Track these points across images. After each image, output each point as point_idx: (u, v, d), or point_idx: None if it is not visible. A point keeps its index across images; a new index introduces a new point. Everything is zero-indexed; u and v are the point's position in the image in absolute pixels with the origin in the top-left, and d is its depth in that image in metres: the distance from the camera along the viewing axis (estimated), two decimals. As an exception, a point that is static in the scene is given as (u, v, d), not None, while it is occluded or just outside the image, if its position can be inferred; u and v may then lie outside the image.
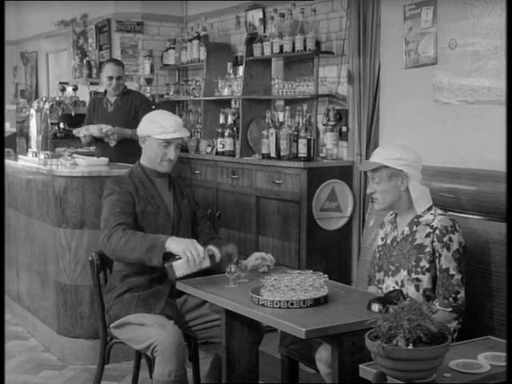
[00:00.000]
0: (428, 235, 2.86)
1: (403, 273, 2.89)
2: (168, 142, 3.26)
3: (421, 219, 2.92)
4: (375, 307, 2.53)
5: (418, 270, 2.85)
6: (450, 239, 2.82)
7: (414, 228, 2.92)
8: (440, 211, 2.94)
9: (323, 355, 2.81)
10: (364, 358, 2.20)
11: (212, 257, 3.02)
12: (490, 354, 2.18)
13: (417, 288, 2.85)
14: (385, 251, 3.02)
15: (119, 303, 3.20)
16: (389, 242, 3.02)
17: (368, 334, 2.04)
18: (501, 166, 2.99)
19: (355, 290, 2.97)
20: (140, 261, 3.03)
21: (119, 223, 3.09)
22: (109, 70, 5.40)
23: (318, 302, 2.62)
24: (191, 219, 3.41)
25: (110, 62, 5.59)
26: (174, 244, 2.96)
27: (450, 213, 3.18)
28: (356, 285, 3.76)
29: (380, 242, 3.10)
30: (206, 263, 2.97)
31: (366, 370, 2.07)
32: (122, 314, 3.18)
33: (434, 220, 2.88)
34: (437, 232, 2.84)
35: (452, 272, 2.81)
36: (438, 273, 2.83)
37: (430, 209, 2.94)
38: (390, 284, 2.94)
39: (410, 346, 1.95)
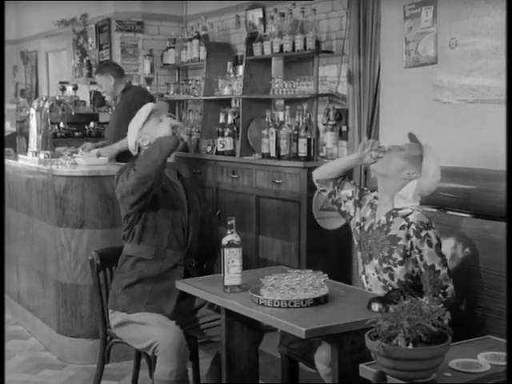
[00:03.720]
0: (402, 228, 2.85)
1: (375, 261, 2.91)
2: (160, 119, 3.26)
3: (399, 211, 2.91)
4: (375, 307, 2.53)
5: (390, 261, 2.86)
6: (428, 235, 2.81)
7: (391, 219, 2.91)
8: (419, 208, 2.93)
9: (322, 355, 2.81)
10: (364, 358, 2.20)
11: None
12: (490, 354, 2.18)
13: (391, 277, 2.87)
14: (362, 236, 3.02)
15: (129, 295, 3.17)
16: (366, 228, 3.01)
17: (368, 334, 2.04)
18: (501, 165, 2.99)
19: (355, 289, 2.97)
20: (167, 151, 3.08)
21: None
22: None
23: (317, 302, 2.62)
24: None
25: None
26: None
27: (450, 212, 3.17)
28: (356, 284, 3.76)
29: (358, 220, 3.07)
30: None
31: (366, 370, 2.07)
32: (132, 309, 3.15)
33: (411, 214, 2.86)
34: (413, 227, 2.82)
35: (438, 268, 2.80)
36: (422, 269, 2.82)
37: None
38: (369, 271, 2.97)
39: (410, 346, 1.95)
